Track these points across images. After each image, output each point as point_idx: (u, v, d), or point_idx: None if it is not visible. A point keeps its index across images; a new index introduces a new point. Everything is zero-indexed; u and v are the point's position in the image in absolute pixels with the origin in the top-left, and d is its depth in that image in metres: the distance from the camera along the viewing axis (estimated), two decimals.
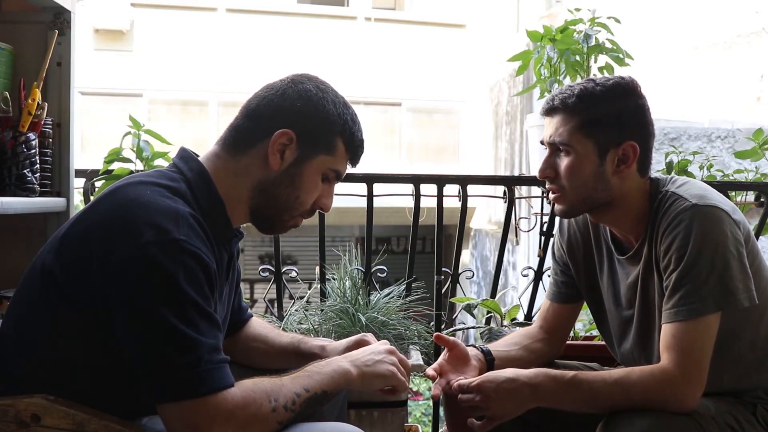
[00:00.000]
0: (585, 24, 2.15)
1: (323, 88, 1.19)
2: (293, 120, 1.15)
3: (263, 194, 1.17)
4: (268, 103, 1.17)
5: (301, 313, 1.96)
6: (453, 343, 1.38)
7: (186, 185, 1.12)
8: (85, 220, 1.08)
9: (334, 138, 1.17)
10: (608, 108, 1.33)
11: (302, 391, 1.08)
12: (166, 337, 0.97)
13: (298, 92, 1.17)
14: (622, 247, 1.44)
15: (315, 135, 1.16)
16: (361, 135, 1.21)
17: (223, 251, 1.18)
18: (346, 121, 1.18)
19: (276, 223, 1.22)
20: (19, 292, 1.12)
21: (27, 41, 1.60)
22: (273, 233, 1.28)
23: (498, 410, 1.25)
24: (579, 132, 1.33)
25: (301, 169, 1.16)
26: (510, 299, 4.99)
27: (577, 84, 1.36)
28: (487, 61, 7.67)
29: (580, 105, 1.32)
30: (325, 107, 1.16)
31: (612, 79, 1.36)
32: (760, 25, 4.73)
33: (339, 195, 2.05)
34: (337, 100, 1.19)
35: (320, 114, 1.16)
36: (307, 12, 8.62)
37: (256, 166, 1.16)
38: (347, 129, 1.18)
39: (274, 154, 1.15)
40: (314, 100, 1.16)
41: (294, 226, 1.24)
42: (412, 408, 5.58)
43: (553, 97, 1.37)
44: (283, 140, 1.14)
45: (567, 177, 1.35)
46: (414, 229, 2.08)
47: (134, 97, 7.89)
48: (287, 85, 1.18)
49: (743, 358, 1.32)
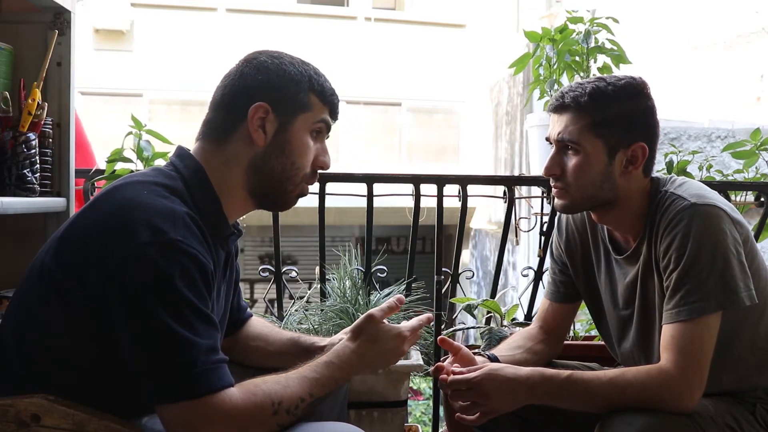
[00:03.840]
0: (585, 24, 2.15)
1: (276, 55, 1.20)
2: (261, 93, 1.16)
3: (258, 173, 1.17)
4: (231, 89, 1.18)
5: (301, 313, 1.96)
6: (457, 348, 1.37)
7: (183, 183, 1.12)
8: (83, 220, 1.08)
9: (305, 95, 1.18)
10: (620, 108, 1.32)
11: (308, 396, 1.08)
12: (162, 339, 0.97)
13: (255, 67, 1.18)
14: (619, 246, 1.44)
15: (287, 98, 1.17)
16: (329, 84, 1.22)
17: (220, 249, 1.18)
18: (310, 75, 1.19)
19: (281, 197, 1.21)
20: (18, 293, 1.12)
21: (27, 41, 1.60)
22: (282, 209, 1.26)
23: (494, 406, 1.26)
24: (590, 131, 1.32)
25: (286, 135, 1.17)
26: (510, 299, 4.99)
27: (588, 82, 1.35)
28: (487, 61, 7.67)
29: (592, 104, 1.31)
30: (286, 70, 1.18)
31: (623, 79, 1.35)
32: (760, 25, 4.73)
33: (339, 195, 2.08)
34: (294, 61, 1.20)
35: (284, 78, 1.17)
36: (307, 12, 8.62)
37: (243, 149, 1.16)
38: (314, 82, 1.19)
39: (256, 131, 1.15)
40: (273, 68, 1.18)
41: (301, 195, 1.23)
42: (412, 408, 5.58)
43: (563, 95, 1.35)
44: (260, 114, 1.15)
45: (574, 175, 1.34)
46: (414, 229, 2.08)
47: (134, 97, 7.88)
48: (242, 66, 1.19)
49: (743, 359, 1.32)
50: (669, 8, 5.33)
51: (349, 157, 8.04)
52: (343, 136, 8.16)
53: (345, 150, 8.15)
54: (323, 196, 2.01)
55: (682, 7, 5.29)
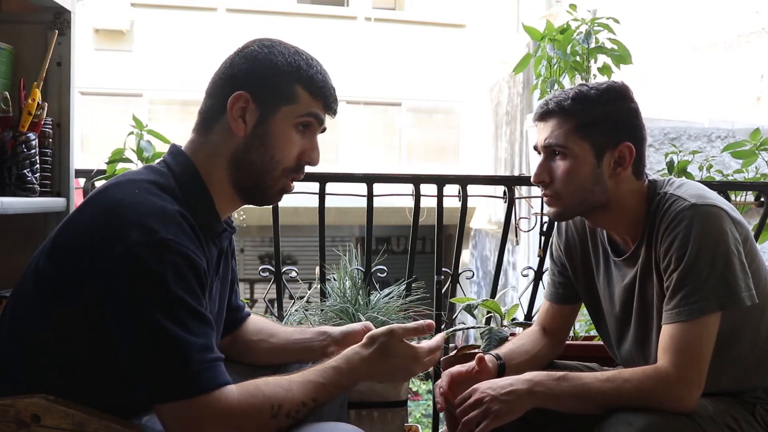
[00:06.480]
0: (586, 24, 2.15)
1: (268, 44, 1.17)
2: (244, 82, 1.13)
3: (239, 165, 1.15)
4: (220, 77, 1.17)
5: (301, 313, 1.96)
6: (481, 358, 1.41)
7: (174, 180, 1.11)
8: (76, 221, 1.08)
9: (290, 86, 1.14)
10: (604, 110, 1.33)
11: (310, 402, 1.07)
12: (156, 338, 0.97)
13: (244, 56, 1.16)
14: (618, 248, 1.44)
15: (269, 89, 1.13)
16: (322, 76, 1.17)
17: (212, 246, 1.17)
18: (299, 66, 1.15)
19: (260, 191, 1.18)
20: (15, 293, 1.12)
21: (27, 41, 1.60)
22: (264, 204, 1.22)
23: (498, 416, 1.25)
24: (575, 134, 1.33)
25: (266, 127, 1.14)
26: (510, 299, 4.99)
27: (570, 89, 1.37)
28: (487, 61, 7.68)
29: (575, 107, 1.33)
30: (272, 60, 1.14)
31: (605, 83, 1.39)
32: (760, 25, 4.73)
33: (339, 195, 2.08)
34: (286, 51, 1.16)
35: (269, 68, 1.14)
36: (307, 12, 8.63)
37: (225, 140, 1.14)
38: (302, 74, 1.15)
39: (236, 121, 1.13)
40: (260, 57, 1.15)
41: (283, 191, 1.19)
42: (412, 408, 5.59)
43: (547, 102, 1.37)
44: (240, 104, 1.13)
45: (563, 180, 1.35)
46: (414, 229, 2.08)
47: (134, 97, 7.89)
48: (234, 55, 1.18)
49: (743, 359, 1.32)
50: (669, 8, 5.33)
51: (349, 157, 8.05)
52: (343, 136, 8.16)
53: (345, 150, 8.15)
54: (323, 196, 2.01)
55: (682, 7, 5.29)
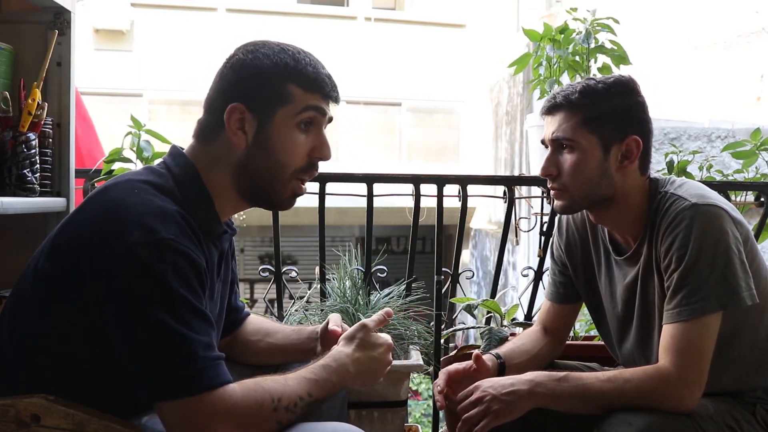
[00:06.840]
0: (586, 24, 2.15)
1: (252, 49, 1.15)
2: (235, 93, 1.12)
3: (244, 175, 1.15)
4: (214, 91, 1.16)
5: (301, 313, 1.96)
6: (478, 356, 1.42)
7: (173, 181, 1.11)
8: (76, 221, 1.08)
9: (281, 87, 1.12)
10: (611, 103, 1.34)
11: (306, 396, 1.08)
12: (160, 337, 0.97)
13: (231, 67, 1.15)
14: (619, 247, 1.44)
15: (261, 95, 1.12)
16: (312, 68, 1.14)
17: (213, 248, 1.17)
18: (286, 64, 1.13)
19: (271, 198, 1.18)
20: (15, 293, 1.12)
21: (27, 41, 1.60)
22: (279, 209, 1.23)
23: (498, 416, 1.26)
24: (583, 127, 1.33)
25: (266, 133, 1.13)
26: (510, 299, 4.99)
27: (578, 82, 1.38)
28: (487, 61, 7.67)
29: (583, 100, 1.33)
30: (257, 65, 1.13)
31: (612, 77, 1.39)
32: (760, 25, 4.73)
33: (339, 195, 2.08)
34: (271, 51, 1.14)
35: (256, 73, 1.12)
36: (307, 12, 8.62)
37: (227, 152, 1.14)
38: (290, 71, 1.13)
39: (235, 133, 1.12)
40: (246, 64, 1.13)
41: (294, 195, 1.18)
42: (412, 408, 5.59)
43: (555, 95, 1.37)
44: (236, 116, 1.12)
45: (571, 173, 1.35)
46: (414, 229, 2.08)
47: (134, 97, 7.89)
48: (223, 67, 1.17)
49: (743, 359, 1.32)
50: (669, 8, 5.33)
51: (349, 157, 8.04)
52: (343, 136, 8.16)
53: (345, 150, 8.15)
54: (323, 196, 2.01)
55: (682, 7, 5.29)
